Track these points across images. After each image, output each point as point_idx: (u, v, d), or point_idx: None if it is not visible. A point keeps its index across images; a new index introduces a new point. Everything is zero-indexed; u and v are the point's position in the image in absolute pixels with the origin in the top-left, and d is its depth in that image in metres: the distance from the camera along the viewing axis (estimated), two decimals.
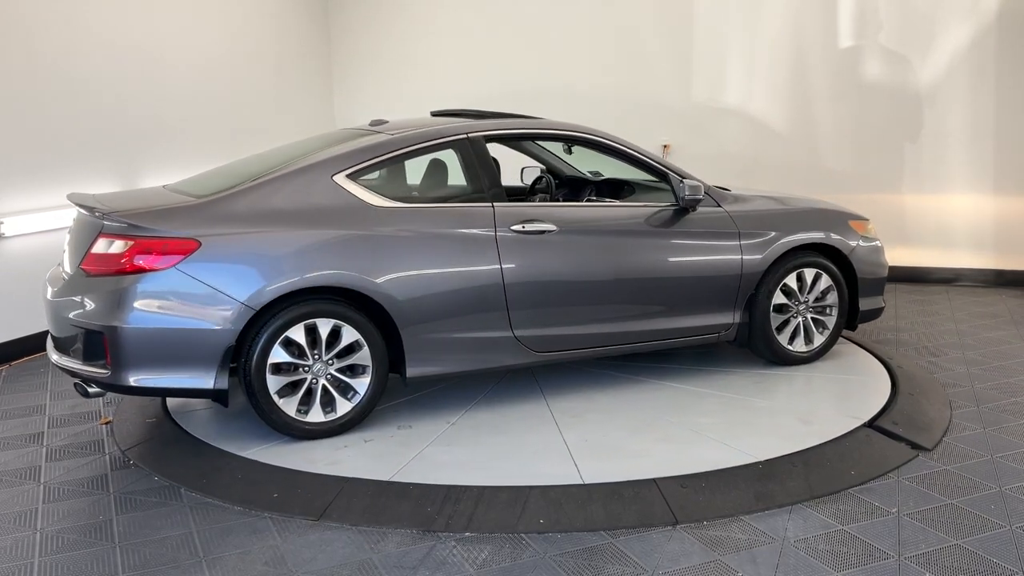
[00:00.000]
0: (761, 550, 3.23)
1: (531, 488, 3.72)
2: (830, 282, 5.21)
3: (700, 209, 4.96)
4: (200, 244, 4.03)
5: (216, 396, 4.11)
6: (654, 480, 3.76)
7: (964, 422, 4.44)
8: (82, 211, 4.36)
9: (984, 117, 7.32)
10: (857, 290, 5.32)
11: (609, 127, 6.88)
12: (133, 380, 3.99)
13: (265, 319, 4.11)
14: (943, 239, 7.57)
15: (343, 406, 4.32)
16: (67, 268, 4.35)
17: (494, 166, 4.78)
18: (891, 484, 3.74)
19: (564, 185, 5.80)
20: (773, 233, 5.06)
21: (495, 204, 4.57)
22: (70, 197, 4.49)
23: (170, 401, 4.94)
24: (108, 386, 4.09)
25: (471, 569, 3.15)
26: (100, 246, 4.09)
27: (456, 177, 4.85)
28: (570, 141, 5.18)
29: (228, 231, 4.12)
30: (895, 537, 3.30)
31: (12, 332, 5.97)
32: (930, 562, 3.12)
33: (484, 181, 4.63)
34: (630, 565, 3.16)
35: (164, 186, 4.88)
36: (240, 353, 4.13)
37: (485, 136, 4.73)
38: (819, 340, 5.28)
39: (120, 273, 3.99)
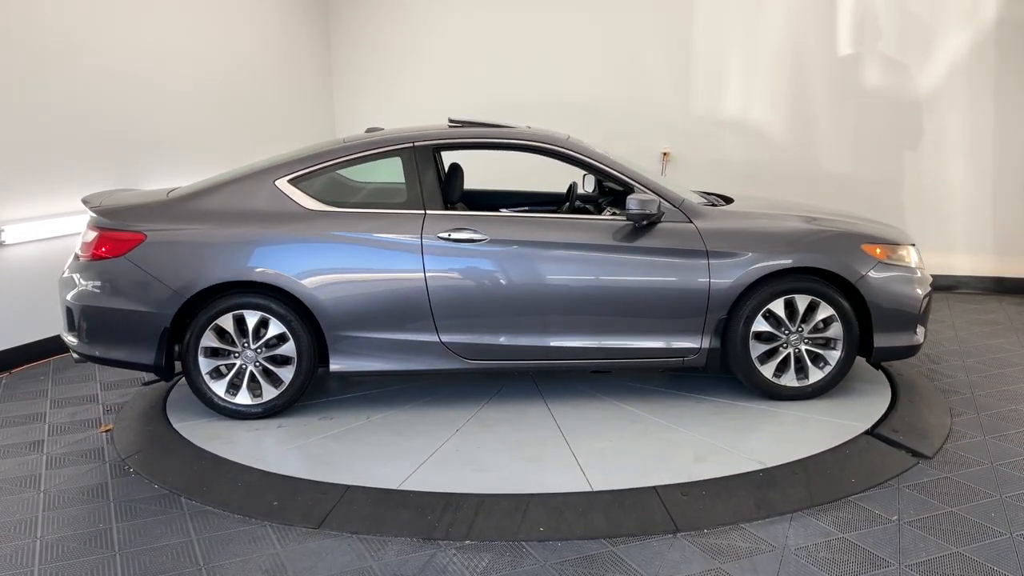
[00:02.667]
0: (762, 558, 3.23)
1: (531, 496, 3.72)
2: (831, 312, 4.67)
3: (666, 224, 4.67)
4: (146, 237, 4.60)
5: (157, 371, 4.65)
6: (654, 488, 3.76)
7: (964, 429, 4.43)
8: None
9: (983, 124, 7.33)
10: (871, 323, 4.71)
11: (609, 134, 6.92)
12: (92, 350, 4.67)
13: (199, 307, 4.59)
14: (943, 246, 7.57)
15: (269, 392, 4.69)
16: None
17: (437, 174, 4.81)
18: (891, 492, 3.74)
19: (610, 194, 5.61)
20: (751, 254, 4.63)
21: (427, 211, 4.69)
22: (84, 199, 5.00)
23: (170, 409, 4.95)
24: (80, 354, 4.72)
25: None
26: (87, 236, 4.77)
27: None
28: (524, 151, 4.99)
29: (171, 227, 4.64)
30: (895, 545, 3.29)
31: (12, 340, 5.96)
32: (931, 570, 3.11)
33: (422, 189, 4.75)
34: (631, 573, 3.15)
35: (170, 190, 5.10)
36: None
37: (433, 145, 4.85)
38: (817, 376, 4.77)
39: (90, 259, 4.66)
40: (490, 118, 5.32)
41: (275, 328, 4.62)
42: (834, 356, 4.76)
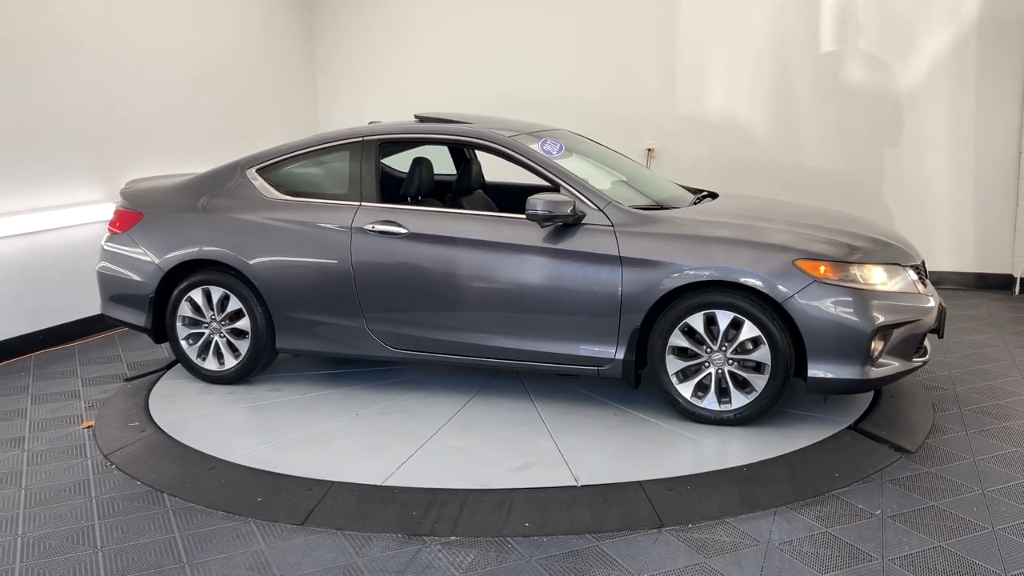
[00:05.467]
0: (746, 552, 3.24)
1: (516, 491, 3.72)
2: (757, 332, 4.24)
3: (587, 226, 4.47)
4: (143, 216, 5.29)
5: (148, 333, 5.28)
6: (639, 483, 3.77)
7: (947, 424, 4.46)
8: None
9: (965, 121, 7.37)
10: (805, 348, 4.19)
11: (595, 129, 6.92)
12: (108, 311, 5.45)
13: (178, 279, 5.16)
14: (924, 242, 7.59)
15: (230, 361, 5.17)
16: None
17: (377, 168, 4.98)
18: (874, 486, 3.76)
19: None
20: (666, 262, 4.32)
21: (362, 203, 4.89)
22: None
23: (153, 406, 4.93)
24: (104, 314, 5.52)
25: (457, 573, 3.15)
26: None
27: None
28: (466, 147, 5.03)
29: (162, 208, 5.28)
30: (879, 539, 3.31)
31: None
32: (913, 564, 3.14)
33: (362, 181, 4.96)
34: (616, 568, 3.16)
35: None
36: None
37: (378, 140, 5.03)
38: (741, 401, 4.33)
39: (110, 233, 5.41)
40: (460, 113, 5.40)
41: (234, 304, 5.07)
42: (760, 382, 4.29)
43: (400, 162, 5.72)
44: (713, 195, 5.32)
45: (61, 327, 6.36)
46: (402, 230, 4.74)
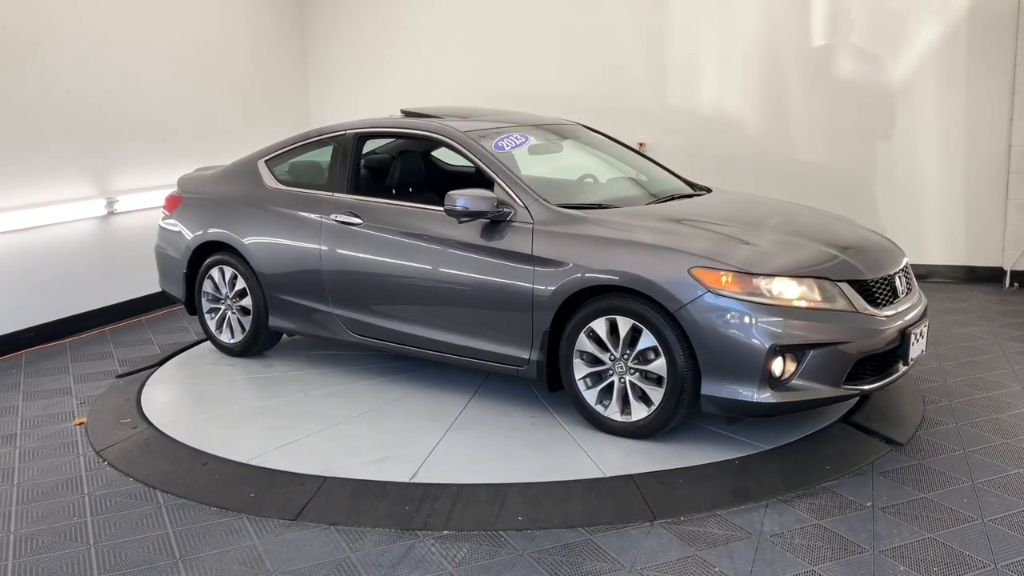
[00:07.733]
0: (738, 545, 3.26)
1: (509, 485, 3.73)
2: (654, 342, 3.98)
3: (515, 224, 4.39)
4: (183, 199, 5.81)
5: (184, 304, 5.83)
6: (631, 476, 3.78)
7: (937, 417, 4.49)
8: None
9: (955, 115, 7.39)
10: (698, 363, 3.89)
11: (588, 123, 6.92)
12: (161, 284, 6.07)
13: (202, 258, 5.65)
14: (914, 236, 7.63)
15: (238, 335, 5.62)
16: None
17: (354, 160, 5.19)
18: (865, 478, 3.78)
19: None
20: (571, 264, 4.17)
21: (335, 194, 5.13)
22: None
23: (145, 402, 4.92)
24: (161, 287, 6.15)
25: (450, 567, 3.16)
26: None
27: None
28: (427, 141, 5.24)
29: (196, 194, 5.78)
30: (870, 531, 3.33)
31: None
32: (904, 555, 3.15)
33: (340, 172, 5.20)
34: (608, 561, 3.17)
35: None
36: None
37: (354, 135, 5.24)
38: (640, 413, 4.08)
39: (163, 215, 5.94)
40: (450, 107, 5.55)
41: (241, 283, 5.47)
42: (657, 395, 4.02)
43: (450, 155, 5.80)
44: (706, 191, 5.29)
45: (52, 324, 6.35)
46: (359, 221, 4.93)
